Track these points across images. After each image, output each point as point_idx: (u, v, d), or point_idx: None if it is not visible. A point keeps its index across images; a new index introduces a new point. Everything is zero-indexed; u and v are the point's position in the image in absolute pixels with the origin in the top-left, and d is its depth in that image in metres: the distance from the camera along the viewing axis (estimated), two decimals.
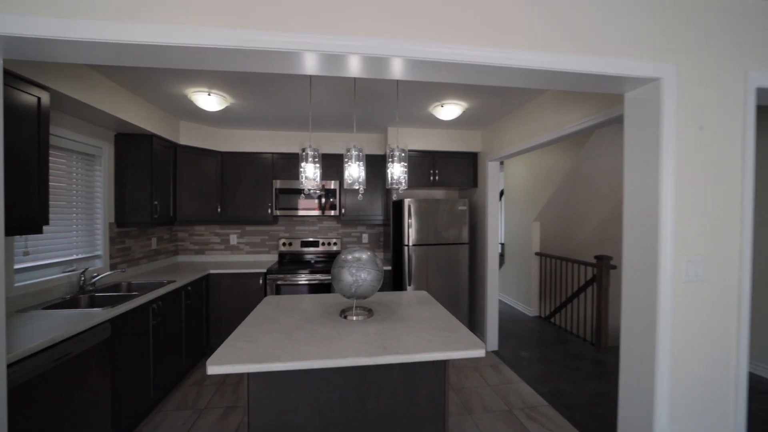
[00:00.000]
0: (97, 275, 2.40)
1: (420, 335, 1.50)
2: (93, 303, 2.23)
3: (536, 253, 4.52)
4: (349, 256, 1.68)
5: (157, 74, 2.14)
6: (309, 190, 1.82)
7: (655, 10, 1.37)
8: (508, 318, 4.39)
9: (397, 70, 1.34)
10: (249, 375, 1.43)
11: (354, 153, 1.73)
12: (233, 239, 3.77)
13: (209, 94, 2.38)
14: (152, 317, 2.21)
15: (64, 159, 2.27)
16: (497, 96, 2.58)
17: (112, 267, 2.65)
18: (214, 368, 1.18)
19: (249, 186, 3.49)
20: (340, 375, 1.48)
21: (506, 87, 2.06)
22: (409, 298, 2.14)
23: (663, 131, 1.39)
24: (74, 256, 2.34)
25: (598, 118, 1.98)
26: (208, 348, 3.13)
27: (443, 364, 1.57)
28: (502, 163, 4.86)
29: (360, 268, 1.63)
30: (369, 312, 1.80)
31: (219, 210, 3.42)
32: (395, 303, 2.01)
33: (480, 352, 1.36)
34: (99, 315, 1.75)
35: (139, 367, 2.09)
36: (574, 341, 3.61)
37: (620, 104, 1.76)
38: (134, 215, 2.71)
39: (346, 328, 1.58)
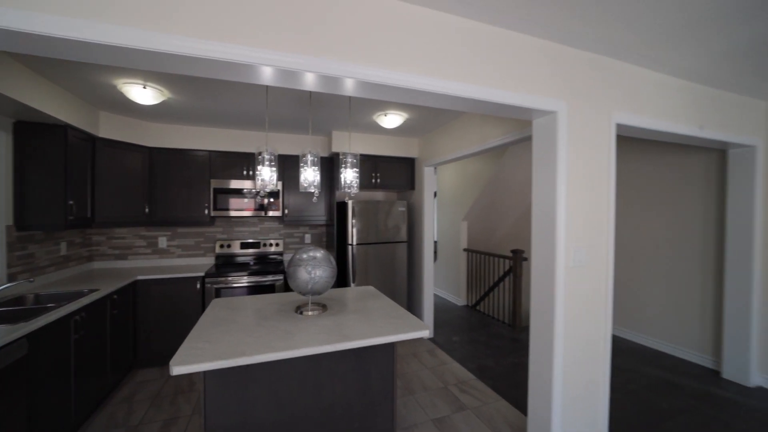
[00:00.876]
0: None
1: (373, 323, 1.68)
2: None
3: (464, 249, 5.07)
4: (305, 255, 1.78)
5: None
6: (263, 191, 1.86)
7: (554, 59, 1.77)
8: (441, 308, 4.85)
9: (348, 88, 1.50)
10: (206, 375, 1.44)
11: (310, 158, 1.83)
12: (162, 242, 3.48)
13: (144, 87, 2.21)
14: (74, 331, 1.99)
15: None
16: (433, 111, 2.91)
17: (11, 277, 2.28)
18: (179, 368, 1.19)
19: (182, 185, 3.27)
20: (298, 367, 1.58)
21: None
22: (359, 293, 2.31)
23: (558, 152, 1.80)
24: None
25: (514, 136, 2.41)
26: (136, 361, 2.86)
27: (392, 348, 1.78)
28: (435, 168, 5.33)
29: (315, 266, 1.75)
30: (323, 307, 1.92)
31: (147, 210, 3.13)
32: (346, 298, 2.16)
33: (425, 333, 1.60)
34: (15, 330, 1.54)
35: (60, 386, 1.87)
36: (495, 324, 4.18)
37: (530, 127, 2.18)
38: (41, 216, 2.36)
39: (304, 323, 1.69)
